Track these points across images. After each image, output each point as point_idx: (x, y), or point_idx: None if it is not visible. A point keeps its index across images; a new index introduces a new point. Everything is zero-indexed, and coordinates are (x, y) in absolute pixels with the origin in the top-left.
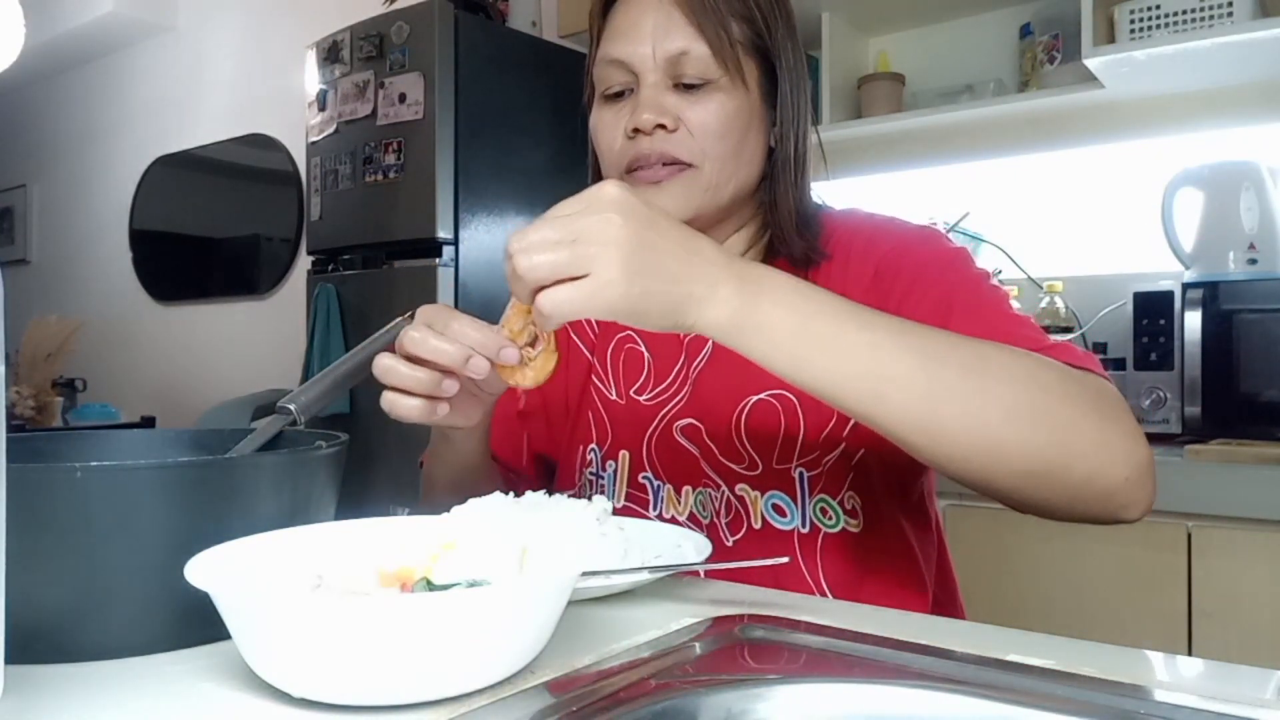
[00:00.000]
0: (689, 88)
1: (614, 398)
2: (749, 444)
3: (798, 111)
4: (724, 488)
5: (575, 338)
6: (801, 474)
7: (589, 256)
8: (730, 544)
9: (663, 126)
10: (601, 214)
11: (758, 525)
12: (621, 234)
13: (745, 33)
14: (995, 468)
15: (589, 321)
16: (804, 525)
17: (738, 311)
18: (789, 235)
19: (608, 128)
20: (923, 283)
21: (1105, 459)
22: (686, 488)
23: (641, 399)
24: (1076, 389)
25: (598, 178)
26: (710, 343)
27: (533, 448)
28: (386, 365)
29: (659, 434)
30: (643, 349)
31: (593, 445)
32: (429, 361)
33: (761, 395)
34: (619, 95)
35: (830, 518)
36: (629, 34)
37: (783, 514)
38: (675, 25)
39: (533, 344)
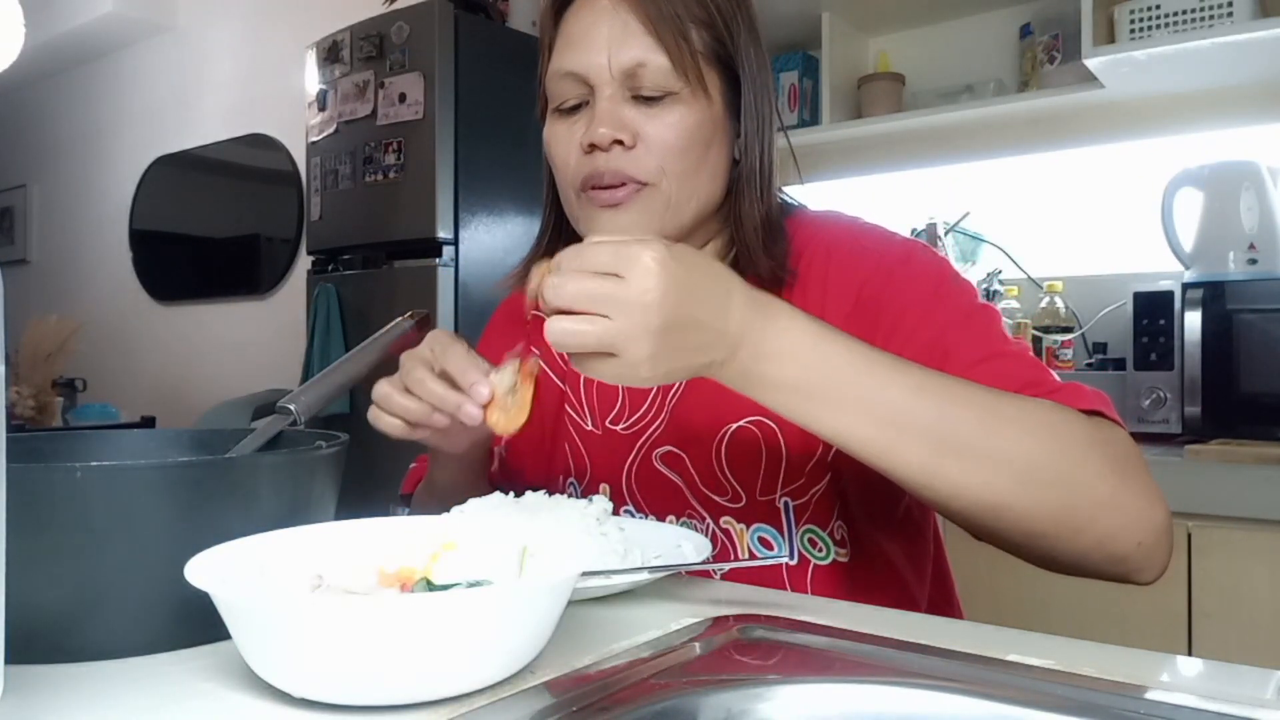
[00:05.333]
0: (647, 100)
1: (590, 428)
2: (731, 474)
3: (762, 120)
4: (708, 520)
5: (545, 366)
6: (787, 504)
7: (620, 337)
8: (717, 578)
9: (620, 143)
10: (639, 291)
11: (745, 559)
12: (654, 320)
13: (706, 40)
14: (1002, 526)
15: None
16: (792, 558)
17: (753, 371)
18: (755, 253)
19: (562, 142)
20: (909, 320)
21: (1118, 524)
22: (670, 518)
23: (618, 428)
24: (1092, 448)
25: (553, 192)
26: None
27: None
28: (385, 392)
29: (639, 464)
30: None
31: (571, 479)
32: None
33: (741, 422)
34: (574, 109)
35: (820, 549)
36: (582, 44)
37: (769, 547)
38: (631, 34)
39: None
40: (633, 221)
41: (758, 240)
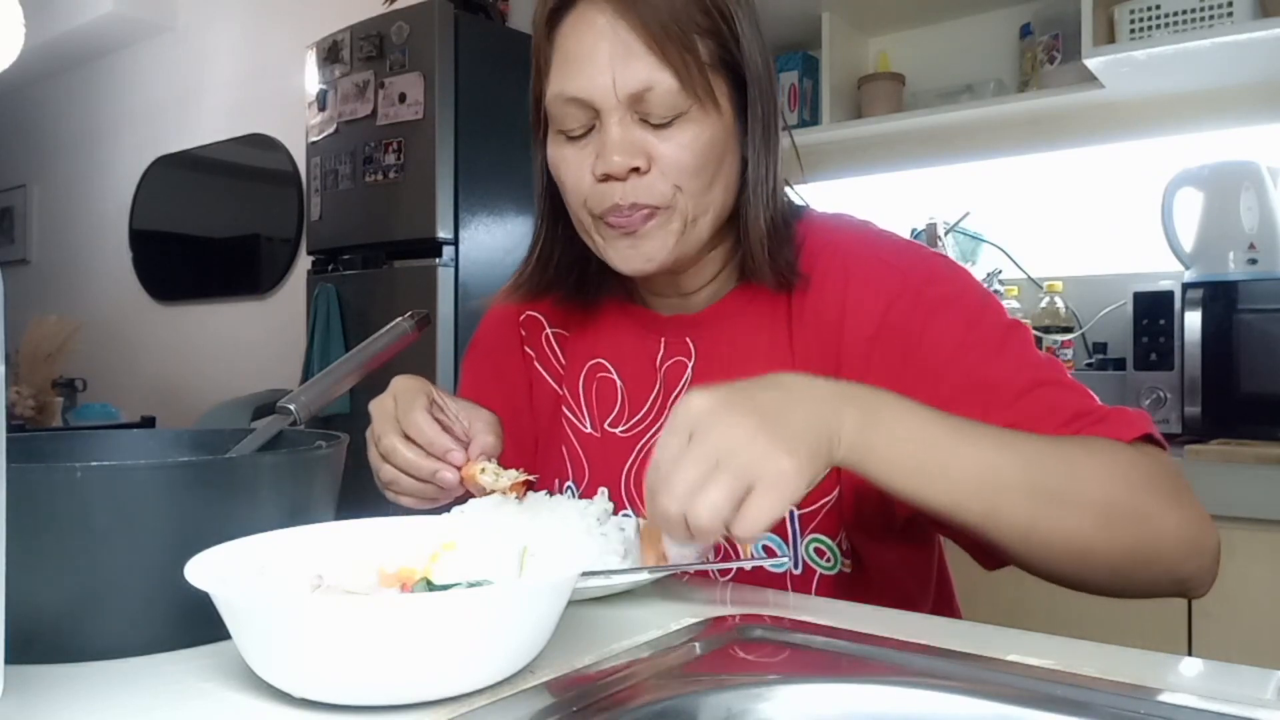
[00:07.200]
0: (656, 125)
1: (588, 430)
2: None
3: (768, 123)
4: None
5: (540, 368)
6: (793, 512)
7: (746, 466)
8: (717, 579)
9: (635, 170)
10: (714, 427)
11: (748, 567)
12: (748, 423)
13: (712, 49)
14: (1087, 567)
15: (553, 350)
16: (796, 566)
17: (863, 441)
18: (759, 261)
19: (572, 166)
20: (943, 353)
21: (1184, 551)
22: None
23: (617, 431)
24: (1153, 480)
25: (549, 203)
26: (689, 371)
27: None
28: (391, 477)
29: (638, 467)
30: (615, 377)
31: (569, 482)
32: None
33: None
34: (581, 134)
35: (828, 560)
36: (585, 66)
37: (773, 555)
38: (635, 55)
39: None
40: (653, 248)
41: (763, 249)
